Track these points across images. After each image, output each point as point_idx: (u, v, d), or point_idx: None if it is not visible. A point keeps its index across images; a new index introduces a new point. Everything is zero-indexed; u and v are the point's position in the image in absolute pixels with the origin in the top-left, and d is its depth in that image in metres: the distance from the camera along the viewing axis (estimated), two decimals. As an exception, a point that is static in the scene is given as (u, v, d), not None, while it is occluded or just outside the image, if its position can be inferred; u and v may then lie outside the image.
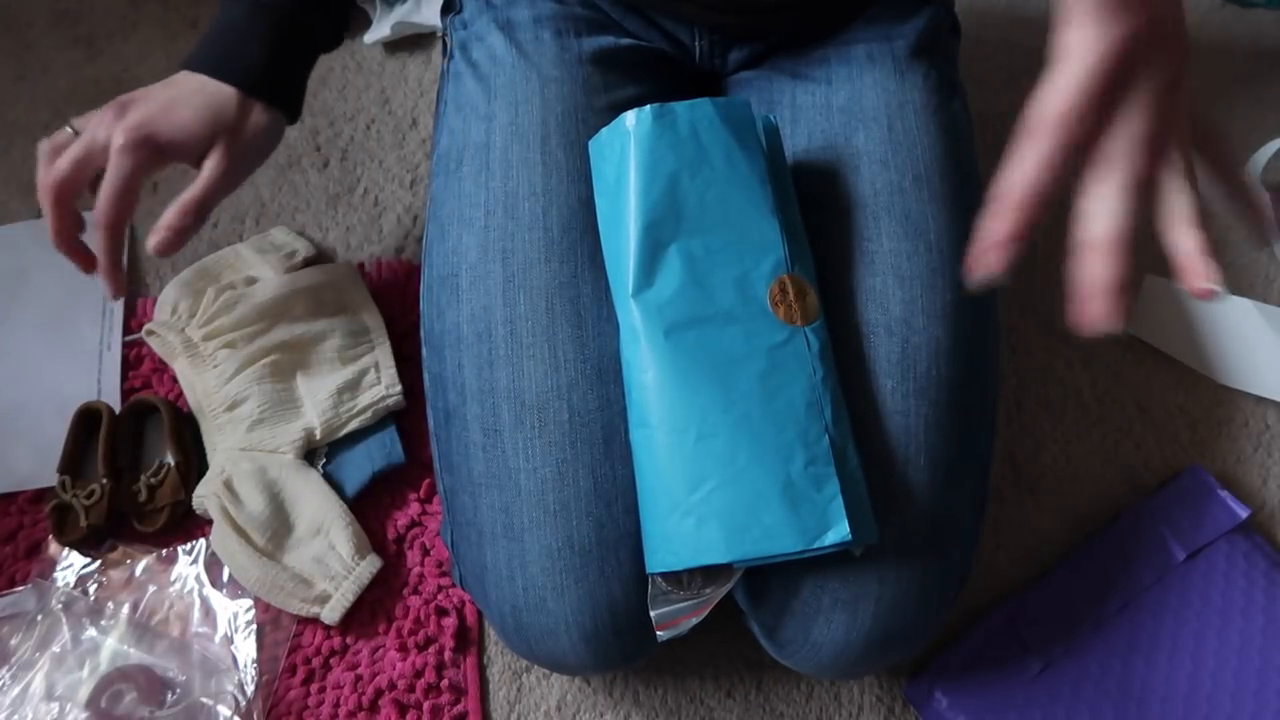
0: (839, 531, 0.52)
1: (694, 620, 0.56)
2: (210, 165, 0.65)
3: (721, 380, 0.55)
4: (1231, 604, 0.74)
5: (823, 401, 0.55)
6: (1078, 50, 0.42)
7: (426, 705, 0.72)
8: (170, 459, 0.78)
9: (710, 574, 0.56)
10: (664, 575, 0.56)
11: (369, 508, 0.78)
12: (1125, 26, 0.42)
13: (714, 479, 0.53)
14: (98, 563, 0.76)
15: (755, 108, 0.60)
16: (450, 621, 0.74)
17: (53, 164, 0.64)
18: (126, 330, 0.87)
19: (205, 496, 0.75)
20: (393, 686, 0.72)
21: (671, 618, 0.56)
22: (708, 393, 0.55)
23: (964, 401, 0.61)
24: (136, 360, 0.85)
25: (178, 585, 0.75)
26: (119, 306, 0.88)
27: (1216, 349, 0.86)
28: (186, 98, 0.64)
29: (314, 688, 0.72)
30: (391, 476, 0.79)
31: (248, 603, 0.74)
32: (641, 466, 0.57)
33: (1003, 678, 0.72)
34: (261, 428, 0.77)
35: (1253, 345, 0.86)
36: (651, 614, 0.56)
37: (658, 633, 0.56)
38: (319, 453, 0.79)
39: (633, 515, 0.58)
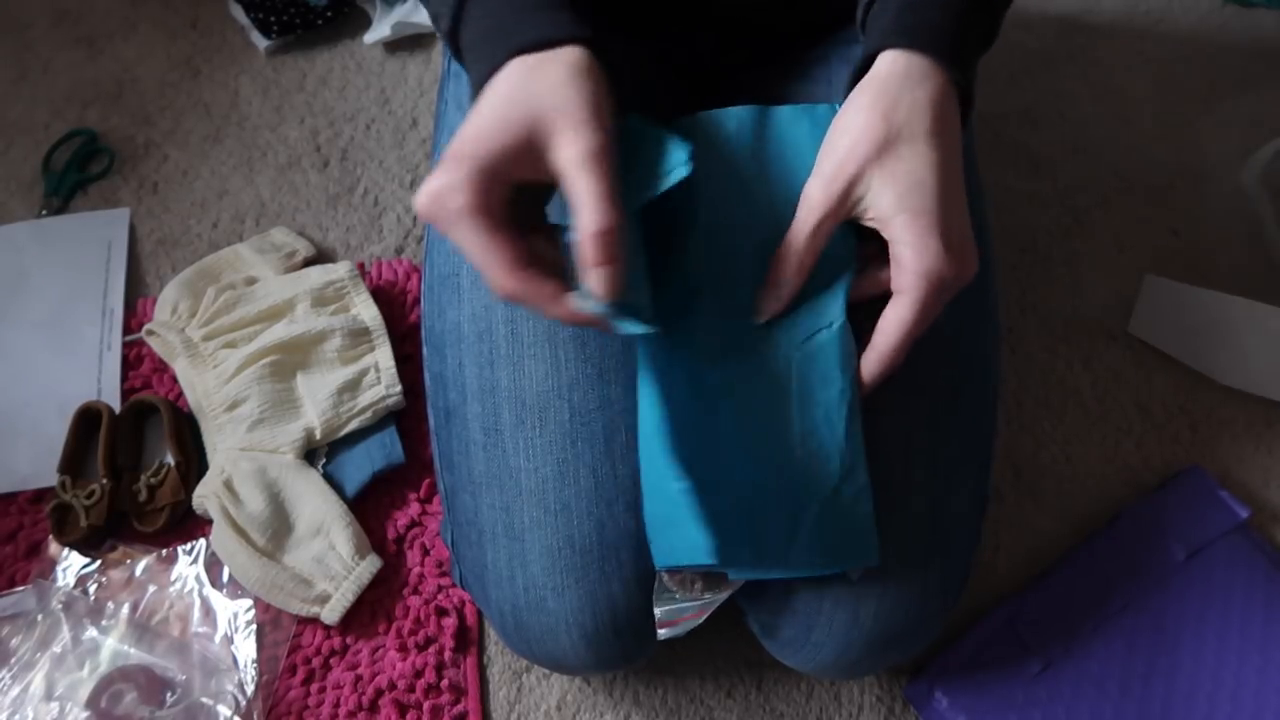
0: (821, 564, 0.52)
1: (693, 623, 0.56)
2: None
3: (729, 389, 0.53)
4: (1231, 604, 0.74)
5: (835, 417, 0.53)
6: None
7: (426, 705, 0.71)
8: (170, 459, 0.78)
9: (710, 579, 0.56)
10: (669, 574, 0.56)
11: (369, 508, 0.78)
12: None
13: (715, 487, 0.52)
14: (98, 563, 0.76)
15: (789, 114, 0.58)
16: (450, 621, 0.74)
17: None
18: (126, 330, 0.87)
19: (205, 496, 0.75)
20: (393, 686, 0.72)
21: (671, 617, 0.56)
22: (720, 407, 0.54)
23: (964, 401, 0.61)
24: (136, 360, 0.85)
25: (178, 585, 0.75)
26: (119, 306, 0.88)
27: (1216, 349, 0.86)
28: None
29: (314, 688, 0.72)
30: (391, 476, 0.79)
31: (248, 603, 0.74)
32: (645, 461, 0.56)
33: (1003, 678, 0.72)
34: (261, 428, 0.77)
35: (1253, 345, 0.86)
36: (655, 610, 0.56)
37: (659, 630, 0.55)
38: (319, 453, 0.78)
39: (633, 514, 0.57)
